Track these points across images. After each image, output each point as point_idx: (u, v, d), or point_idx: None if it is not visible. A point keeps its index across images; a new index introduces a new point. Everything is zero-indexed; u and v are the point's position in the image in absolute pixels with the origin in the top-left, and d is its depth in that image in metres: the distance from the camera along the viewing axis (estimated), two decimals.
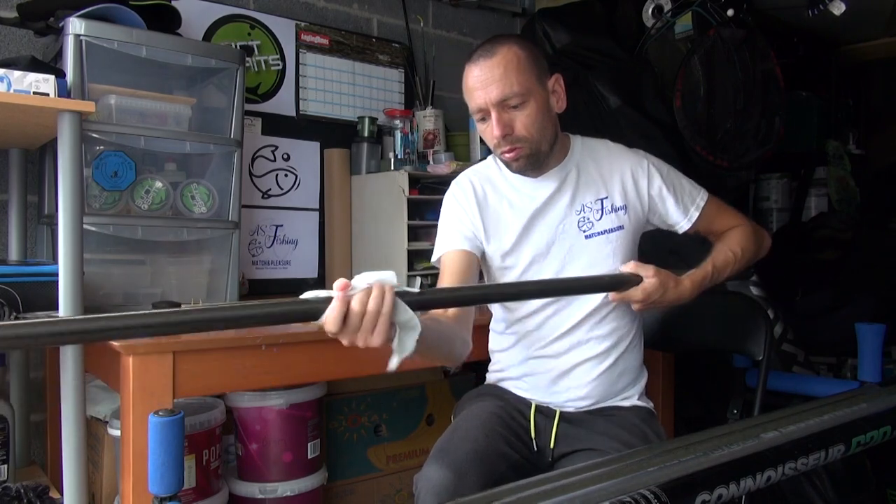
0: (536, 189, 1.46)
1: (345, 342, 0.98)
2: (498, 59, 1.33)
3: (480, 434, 1.36)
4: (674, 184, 1.50)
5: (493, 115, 1.35)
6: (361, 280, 0.97)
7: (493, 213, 1.47)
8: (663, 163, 1.53)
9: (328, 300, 0.93)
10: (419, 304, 1.02)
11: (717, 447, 1.06)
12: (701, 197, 1.52)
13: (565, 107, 1.43)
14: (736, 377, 1.86)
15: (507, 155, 1.39)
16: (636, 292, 1.32)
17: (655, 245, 1.62)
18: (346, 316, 0.94)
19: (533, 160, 1.40)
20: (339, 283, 0.94)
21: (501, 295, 1.33)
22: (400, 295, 0.99)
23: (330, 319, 0.93)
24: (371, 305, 0.95)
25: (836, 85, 3.24)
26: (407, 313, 0.99)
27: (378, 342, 0.97)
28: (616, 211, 1.46)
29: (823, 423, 1.21)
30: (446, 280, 1.42)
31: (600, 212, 1.46)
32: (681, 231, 1.52)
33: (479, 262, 1.47)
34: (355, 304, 0.94)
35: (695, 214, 1.50)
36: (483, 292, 1.29)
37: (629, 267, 1.35)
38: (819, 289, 2.57)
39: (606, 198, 1.47)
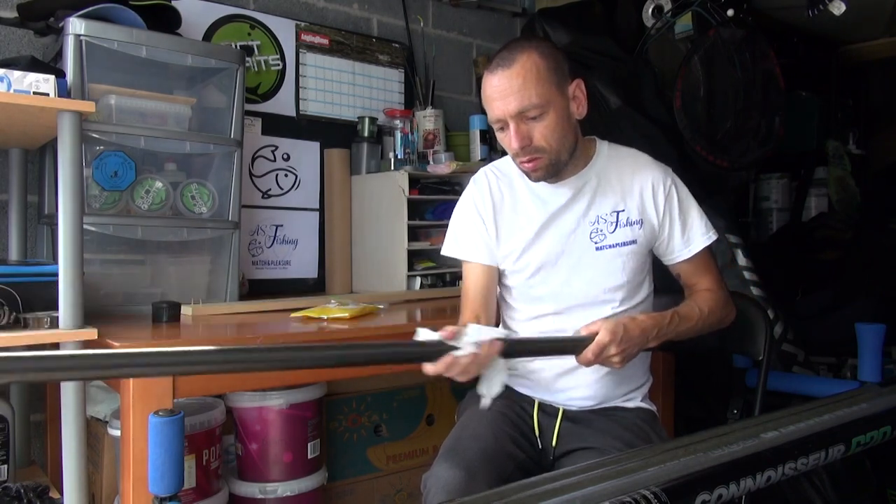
0: (552, 195, 1.44)
1: None
2: (516, 69, 1.29)
3: (489, 433, 1.37)
4: (687, 211, 1.46)
5: (512, 126, 1.32)
6: (475, 332, 1.13)
7: (507, 215, 1.47)
8: (685, 188, 1.48)
9: (445, 351, 1.11)
10: (508, 354, 1.19)
11: (717, 447, 1.06)
12: (708, 237, 1.46)
13: (586, 112, 1.39)
14: (736, 377, 1.86)
15: (526, 165, 1.37)
16: (587, 352, 1.24)
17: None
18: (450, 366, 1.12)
19: (552, 170, 1.38)
20: (448, 331, 1.12)
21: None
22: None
23: (433, 370, 1.12)
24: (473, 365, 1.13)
25: (836, 85, 3.23)
26: (498, 362, 1.17)
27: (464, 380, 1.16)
28: (631, 225, 1.43)
29: (823, 423, 1.21)
30: (471, 294, 1.46)
31: (615, 224, 1.43)
32: (674, 261, 1.47)
33: (498, 271, 1.49)
34: (456, 371, 1.12)
35: (695, 248, 1.45)
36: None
37: (586, 329, 1.28)
38: (819, 289, 2.57)
39: (623, 210, 1.43)
